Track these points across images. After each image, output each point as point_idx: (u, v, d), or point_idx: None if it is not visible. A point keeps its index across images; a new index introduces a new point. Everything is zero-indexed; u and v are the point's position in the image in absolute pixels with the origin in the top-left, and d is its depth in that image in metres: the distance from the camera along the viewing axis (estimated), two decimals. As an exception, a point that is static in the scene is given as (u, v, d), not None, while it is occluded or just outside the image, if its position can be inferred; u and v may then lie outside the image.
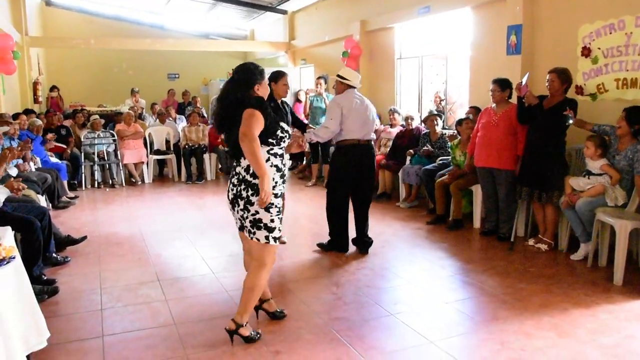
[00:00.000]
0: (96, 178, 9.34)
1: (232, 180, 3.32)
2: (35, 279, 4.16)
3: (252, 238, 3.26)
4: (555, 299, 4.02)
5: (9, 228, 3.38)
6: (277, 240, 3.30)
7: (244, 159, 3.17)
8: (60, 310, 3.99)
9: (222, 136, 3.54)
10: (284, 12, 12.82)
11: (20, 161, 6.53)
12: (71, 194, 8.09)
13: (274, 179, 3.20)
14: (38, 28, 13.55)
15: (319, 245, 5.34)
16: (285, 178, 3.35)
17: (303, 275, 4.72)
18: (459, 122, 6.50)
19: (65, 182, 7.96)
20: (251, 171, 3.16)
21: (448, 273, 4.71)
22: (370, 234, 5.31)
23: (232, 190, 3.29)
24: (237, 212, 3.30)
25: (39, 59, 13.06)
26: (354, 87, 5.12)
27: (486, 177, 5.79)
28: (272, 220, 3.22)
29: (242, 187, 3.21)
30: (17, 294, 2.79)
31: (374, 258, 5.13)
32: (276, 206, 3.23)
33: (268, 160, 3.19)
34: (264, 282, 3.36)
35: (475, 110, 6.74)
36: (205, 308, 3.97)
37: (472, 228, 6.15)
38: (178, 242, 5.77)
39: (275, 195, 3.21)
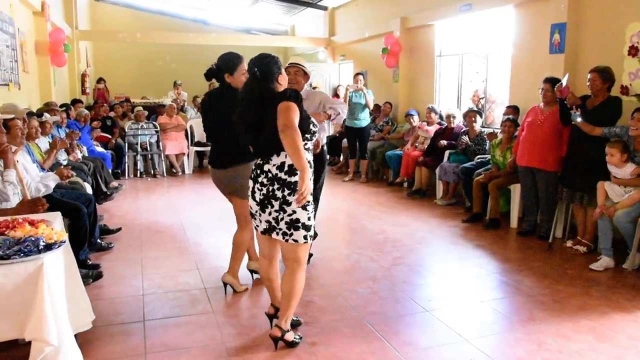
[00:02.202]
0: (139, 168, 9.61)
1: (259, 179, 3.11)
2: (81, 263, 4.32)
3: (287, 240, 3.10)
4: (594, 302, 3.96)
5: (59, 213, 3.54)
6: (311, 238, 3.18)
7: (277, 156, 3.04)
8: (104, 294, 4.14)
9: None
10: (325, 8, 12.85)
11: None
12: (115, 183, 8.33)
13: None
14: (87, 22, 13.93)
15: None
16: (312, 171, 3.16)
17: (339, 269, 4.76)
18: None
19: (110, 171, 8.22)
20: (286, 168, 3.02)
21: (484, 271, 4.69)
22: (405, 230, 5.31)
23: (261, 190, 3.09)
24: (269, 214, 3.09)
25: (87, 51, 13.45)
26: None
27: (527, 176, 5.73)
28: (309, 219, 3.09)
29: (276, 186, 3.03)
30: (66, 276, 2.92)
31: (410, 254, 5.14)
32: (311, 203, 3.11)
33: None
34: (303, 284, 3.22)
35: (513, 109, 6.66)
36: (243, 297, 4.07)
37: (509, 227, 6.09)
38: (217, 232, 5.89)
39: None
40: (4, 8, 6.35)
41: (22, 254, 2.40)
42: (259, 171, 3.13)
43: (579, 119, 4.82)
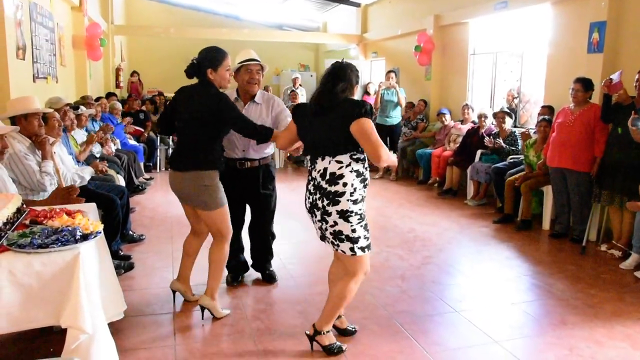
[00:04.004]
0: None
1: (308, 187, 3.04)
2: (113, 254, 4.38)
3: (337, 250, 3.02)
4: (629, 308, 3.87)
5: (94, 204, 3.61)
6: (367, 250, 2.99)
7: (321, 159, 2.93)
8: (135, 285, 4.21)
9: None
10: (357, 4, 12.80)
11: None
12: (147, 176, 8.47)
13: (352, 184, 2.88)
14: (122, 17, 14.14)
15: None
16: (367, 183, 2.99)
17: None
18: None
19: (141, 164, 8.36)
20: (327, 177, 2.89)
21: (515, 273, 4.62)
22: (435, 229, 5.22)
23: (309, 198, 3.03)
24: (315, 223, 3.05)
25: (122, 46, 13.66)
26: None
27: (558, 178, 5.63)
28: (353, 230, 2.91)
29: (318, 196, 2.93)
30: (100, 266, 2.96)
31: (440, 254, 5.10)
32: (356, 214, 2.90)
33: (349, 165, 2.89)
34: (353, 293, 3.09)
35: (548, 109, 6.54)
36: (272, 292, 4.09)
37: (541, 229, 5.99)
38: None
39: (354, 202, 2.90)
40: (45, 3, 6.48)
41: (59, 243, 2.45)
42: (309, 178, 3.05)
43: None
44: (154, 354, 3.13)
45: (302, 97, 12.14)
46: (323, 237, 3.09)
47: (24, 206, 3.04)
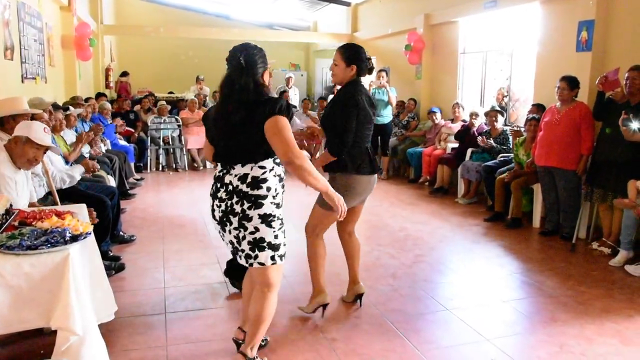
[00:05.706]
0: (161, 162, 9.71)
1: (219, 195, 2.69)
2: (102, 255, 4.35)
3: (252, 264, 2.70)
4: (619, 305, 3.89)
5: (84, 205, 3.58)
6: (283, 258, 2.75)
7: (241, 166, 2.62)
8: (126, 286, 4.19)
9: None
10: (348, 4, 12.81)
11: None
12: (137, 176, 8.43)
13: (275, 188, 2.66)
14: (112, 17, 14.06)
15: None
16: (284, 184, 2.76)
17: (359, 265, 4.73)
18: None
19: (132, 165, 8.32)
20: (249, 180, 2.60)
21: (506, 271, 4.65)
22: (427, 228, 5.22)
23: (220, 207, 2.69)
24: (229, 233, 2.70)
25: (111, 46, 13.59)
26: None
27: (546, 177, 5.67)
28: (276, 236, 2.67)
29: (235, 199, 2.61)
30: (90, 267, 2.95)
31: (431, 252, 5.11)
32: (278, 218, 2.68)
33: (272, 169, 2.65)
34: (274, 308, 2.84)
35: (537, 108, 6.57)
36: (263, 292, 4.08)
37: (531, 227, 6.02)
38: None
39: (277, 206, 2.68)
40: (33, 3, 6.43)
41: (49, 245, 2.43)
42: (218, 185, 2.72)
43: (634, 125, 4.56)
44: (145, 355, 3.12)
45: (295, 97, 12.12)
46: (236, 251, 2.78)
47: (12, 207, 3.02)
